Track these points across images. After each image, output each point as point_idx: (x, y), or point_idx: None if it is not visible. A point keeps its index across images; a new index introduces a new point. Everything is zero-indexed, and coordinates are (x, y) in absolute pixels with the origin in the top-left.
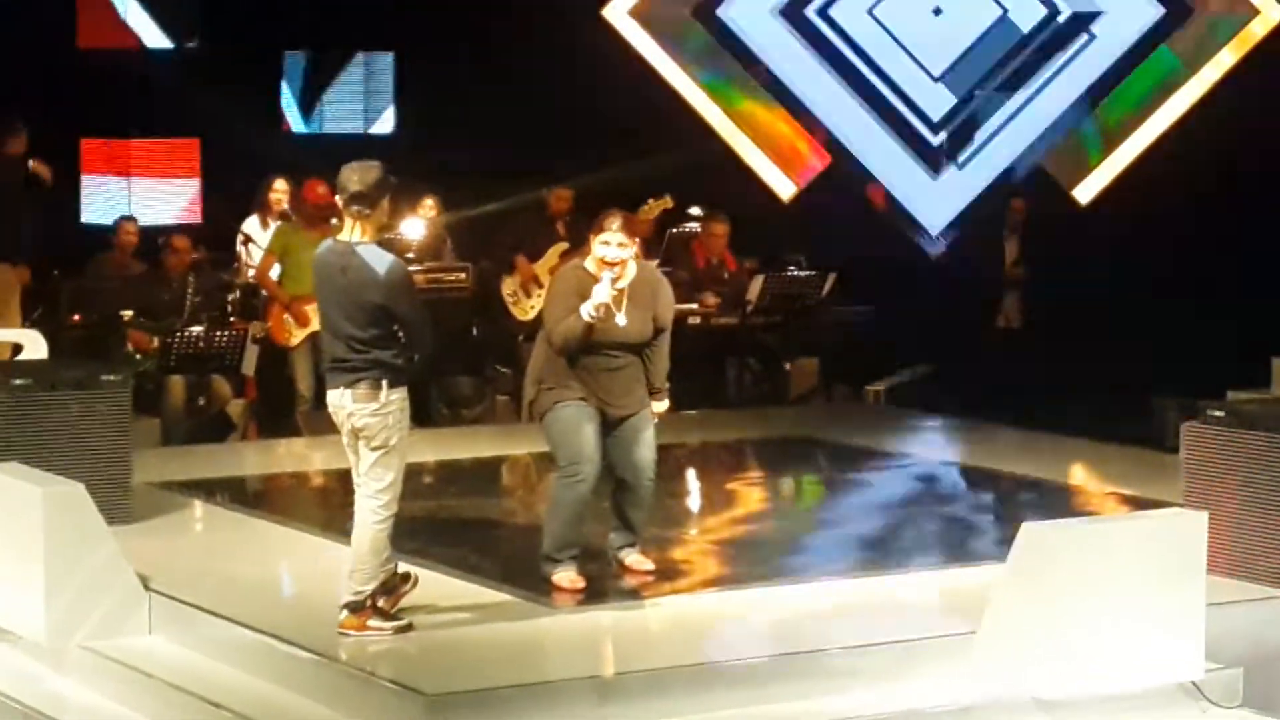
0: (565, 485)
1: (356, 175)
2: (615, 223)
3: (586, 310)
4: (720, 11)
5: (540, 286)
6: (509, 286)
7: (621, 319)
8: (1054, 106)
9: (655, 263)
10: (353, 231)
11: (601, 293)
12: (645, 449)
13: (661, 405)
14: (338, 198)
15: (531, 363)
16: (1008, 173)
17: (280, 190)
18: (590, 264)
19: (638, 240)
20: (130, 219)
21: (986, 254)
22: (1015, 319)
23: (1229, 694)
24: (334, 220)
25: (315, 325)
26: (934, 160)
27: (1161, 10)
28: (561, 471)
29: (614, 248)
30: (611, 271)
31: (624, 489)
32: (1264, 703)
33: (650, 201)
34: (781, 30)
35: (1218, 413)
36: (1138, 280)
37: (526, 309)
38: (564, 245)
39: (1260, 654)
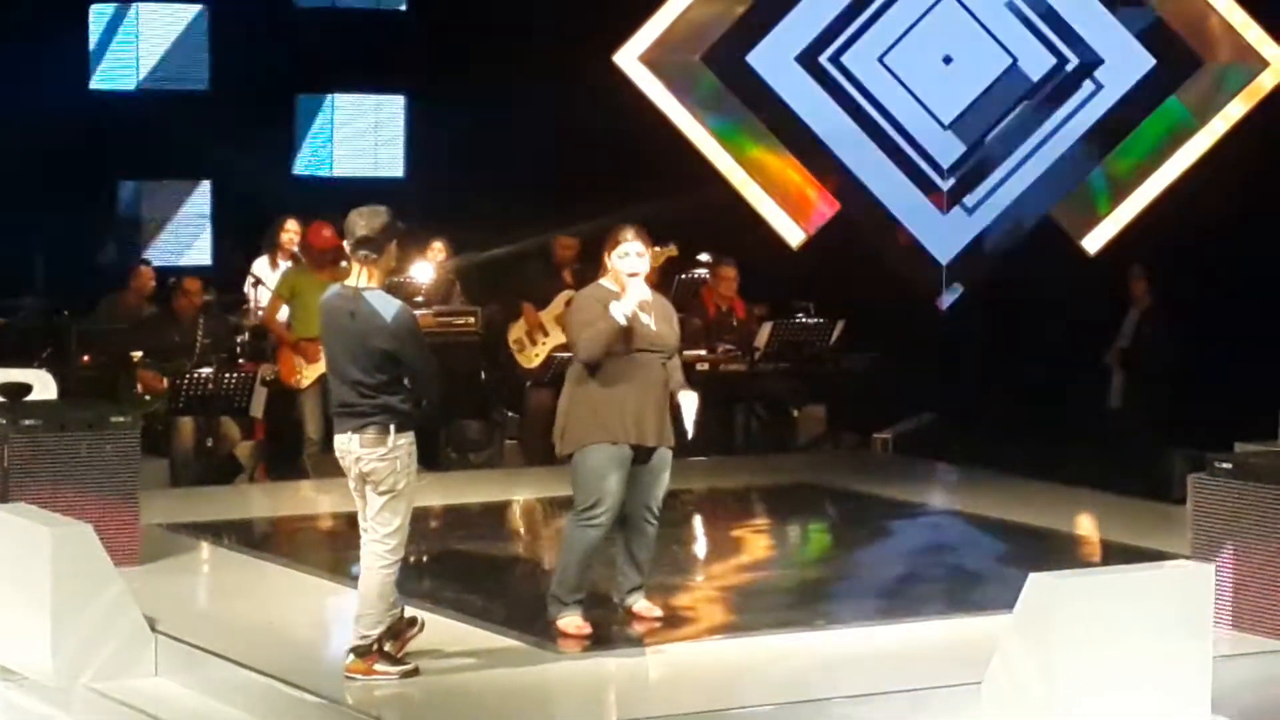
0: (581, 527)
1: (363, 220)
2: (630, 233)
3: (621, 309)
4: (741, 57)
5: (546, 334)
6: (515, 333)
7: (651, 324)
8: (1060, 153)
9: None
10: (359, 276)
11: (638, 291)
12: (660, 490)
13: (692, 395)
14: (345, 242)
15: (562, 399)
16: (1015, 218)
17: (292, 230)
18: (607, 281)
19: (652, 251)
20: (147, 263)
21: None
22: (1118, 397)
23: None
24: (343, 263)
25: (324, 366)
26: (940, 202)
27: (1153, 61)
28: (580, 513)
29: (633, 258)
30: (638, 277)
31: (630, 528)
32: None
33: (655, 249)
34: (798, 76)
35: (1225, 465)
36: (1145, 330)
37: (531, 356)
38: (570, 293)
39: (1266, 707)
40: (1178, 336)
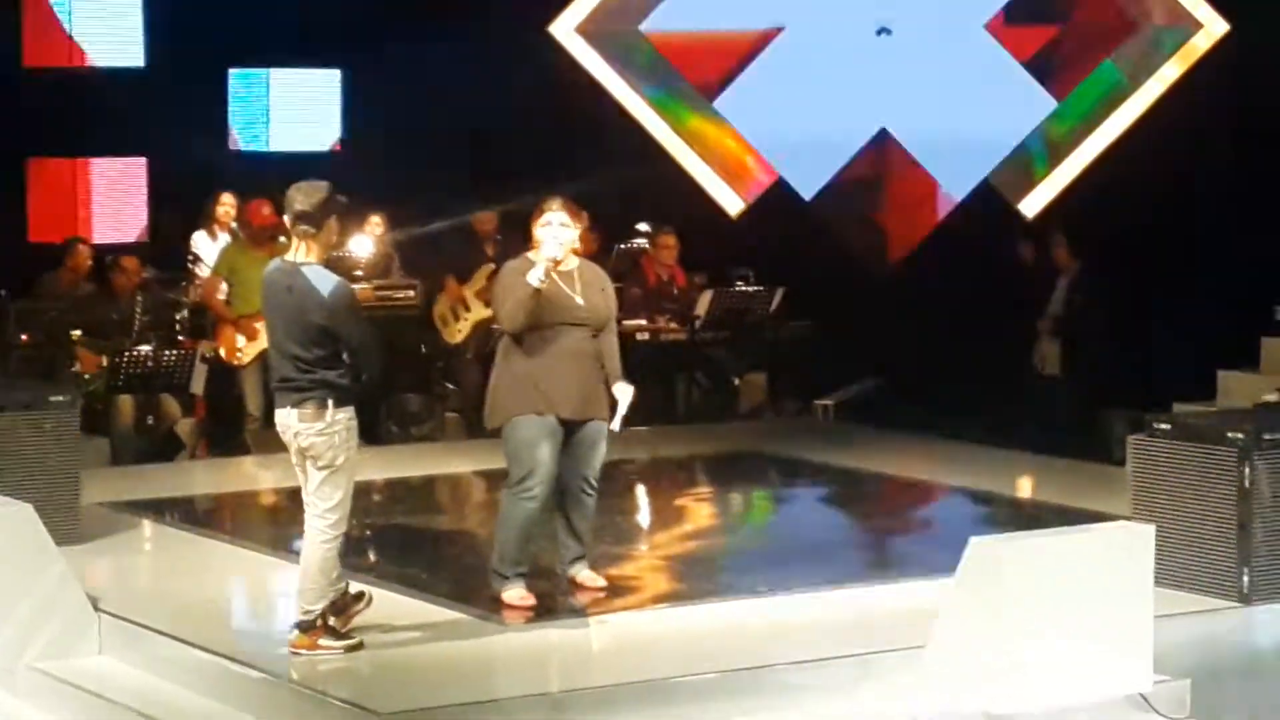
0: (515, 500)
1: (302, 195)
2: (555, 203)
3: (535, 274)
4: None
5: (468, 309)
6: (439, 308)
7: (579, 299)
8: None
9: None
10: (298, 251)
11: (548, 250)
12: (596, 460)
13: (627, 388)
14: (285, 217)
15: (492, 373)
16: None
17: (227, 204)
18: (534, 253)
19: (581, 223)
20: (83, 242)
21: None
22: (1054, 364)
23: (1177, 706)
24: (282, 239)
25: (265, 343)
26: None
27: None
28: (513, 486)
29: (555, 226)
30: (557, 243)
31: (568, 499)
32: (1211, 714)
33: None
34: None
35: (1164, 425)
36: (1084, 293)
37: (454, 332)
38: (491, 267)
39: (1208, 665)
40: (1109, 301)
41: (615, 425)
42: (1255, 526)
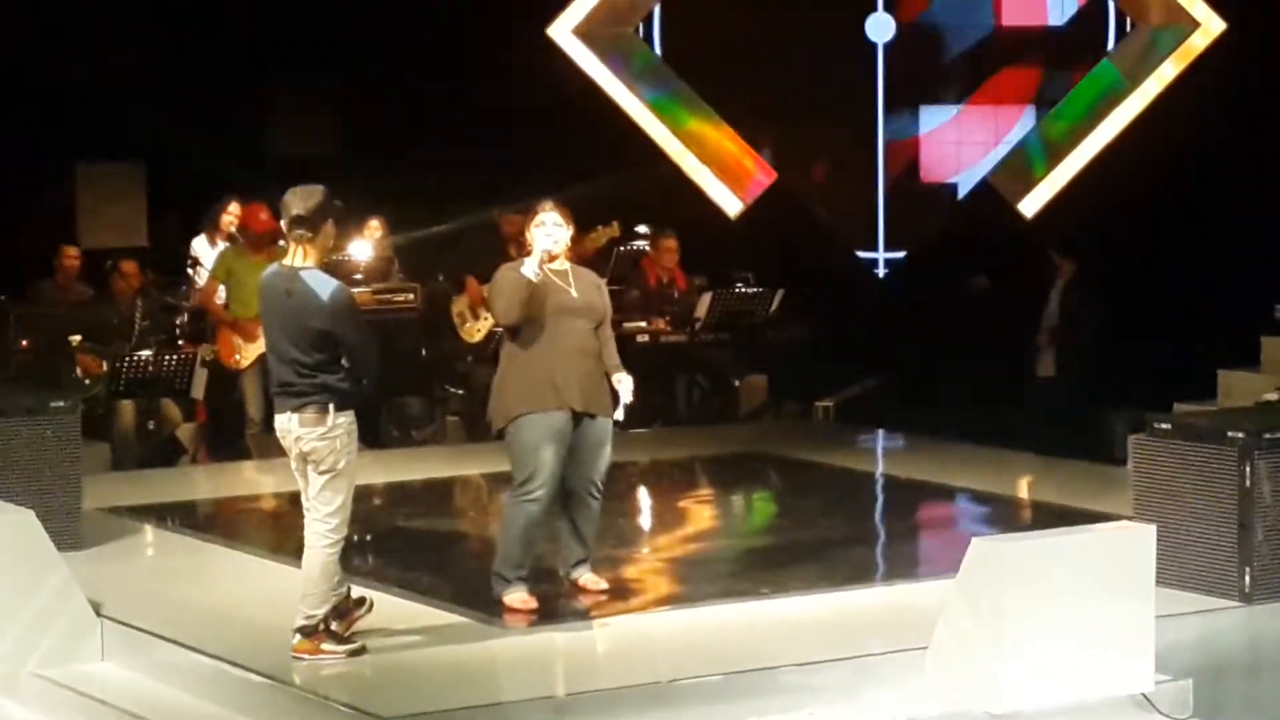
0: (518, 503)
1: (298, 199)
2: (548, 204)
3: (530, 266)
4: None
5: (487, 309)
6: (458, 306)
7: (574, 292)
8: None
9: (605, 280)
10: (296, 255)
11: (542, 244)
12: (602, 463)
13: (627, 378)
14: (281, 222)
15: (497, 373)
16: (953, 190)
17: (234, 214)
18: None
19: (572, 226)
20: (71, 244)
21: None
22: (1051, 365)
23: (1179, 705)
24: (280, 243)
25: (264, 346)
26: None
27: None
28: (517, 489)
29: (550, 226)
30: (551, 240)
31: (574, 502)
32: (1214, 713)
33: (598, 228)
34: None
35: (1164, 425)
36: (1079, 293)
37: (473, 331)
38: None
39: (1210, 665)
40: (1107, 301)
41: (619, 415)
42: (1256, 526)
